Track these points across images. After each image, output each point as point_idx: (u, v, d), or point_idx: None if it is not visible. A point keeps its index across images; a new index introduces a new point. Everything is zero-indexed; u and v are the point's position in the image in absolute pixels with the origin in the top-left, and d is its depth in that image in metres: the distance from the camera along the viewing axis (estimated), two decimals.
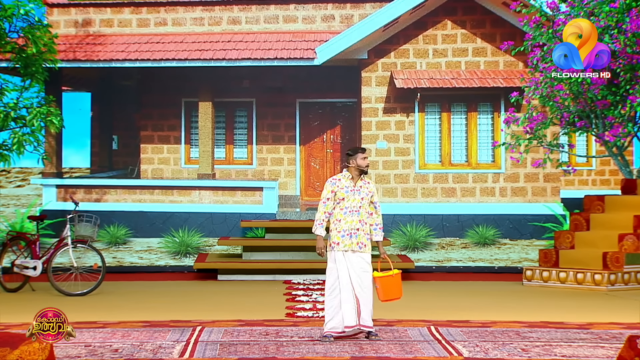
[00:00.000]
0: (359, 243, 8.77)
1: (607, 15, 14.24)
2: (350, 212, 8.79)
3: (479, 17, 17.96)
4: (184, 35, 18.36)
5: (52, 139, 17.87)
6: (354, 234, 8.77)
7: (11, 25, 14.05)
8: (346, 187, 8.85)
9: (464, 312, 10.65)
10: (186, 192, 18.10)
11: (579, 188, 18.46)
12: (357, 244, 8.76)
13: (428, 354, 7.89)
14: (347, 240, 8.76)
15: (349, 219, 8.79)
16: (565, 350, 8.03)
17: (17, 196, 18.60)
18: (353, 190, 8.84)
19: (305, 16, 18.43)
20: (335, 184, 8.89)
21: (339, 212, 8.83)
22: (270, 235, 15.47)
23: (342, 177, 8.89)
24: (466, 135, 18.06)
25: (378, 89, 17.89)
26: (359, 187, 8.86)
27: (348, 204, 8.80)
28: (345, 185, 8.85)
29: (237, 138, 19.11)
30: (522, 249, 17.29)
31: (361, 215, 8.81)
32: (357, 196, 8.83)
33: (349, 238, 8.76)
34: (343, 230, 8.77)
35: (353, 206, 8.81)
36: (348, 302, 8.67)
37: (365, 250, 8.80)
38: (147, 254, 17.20)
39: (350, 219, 8.79)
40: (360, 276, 8.70)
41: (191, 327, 9.26)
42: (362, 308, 8.67)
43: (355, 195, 8.83)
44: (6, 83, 14.40)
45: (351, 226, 8.77)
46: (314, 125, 19.07)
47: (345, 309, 8.67)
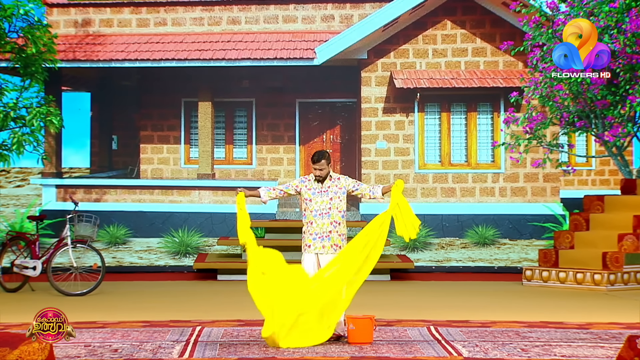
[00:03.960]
0: (333, 245, 8.68)
1: (606, 15, 14.24)
2: (320, 215, 8.69)
3: (479, 17, 17.96)
4: (183, 35, 18.36)
5: (52, 139, 17.87)
6: (326, 236, 8.67)
7: (11, 25, 14.06)
8: (313, 188, 8.75)
9: (464, 312, 10.65)
10: (186, 192, 18.11)
11: (578, 188, 18.46)
12: (331, 246, 8.68)
13: (428, 354, 7.88)
14: (318, 243, 8.69)
15: (320, 222, 8.69)
16: (565, 350, 8.03)
17: (17, 196, 18.60)
18: (321, 191, 8.73)
19: (305, 16, 18.43)
20: (303, 183, 8.81)
21: (309, 214, 8.74)
22: (270, 235, 15.46)
23: (312, 179, 8.79)
24: (466, 135, 18.06)
25: (378, 89, 17.89)
26: (326, 187, 8.73)
27: (317, 206, 8.69)
28: (312, 187, 8.76)
29: (236, 138, 19.11)
30: (521, 249, 17.29)
31: (332, 216, 8.69)
32: (325, 197, 8.70)
33: (320, 241, 8.68)
34: (315, 233, 8.70)
35: (322, 208, 8.69)
36: None
37: (339, 252, 8.65)
38: (146, 254, 17.20)
39: (321, 221, 8.69)
40: None
41: (191, 327, 9.26)
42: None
43: (323, 197, 8.70)
44: (6, 83, 14.40)
45: (322, 229, 8.68)
46: (314, 125, 19.07)
47: None
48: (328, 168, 8.74)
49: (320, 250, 8.69)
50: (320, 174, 8.70)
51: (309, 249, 8.74)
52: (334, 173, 8.86)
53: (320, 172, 8.70)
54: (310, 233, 8.74)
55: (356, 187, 8.77)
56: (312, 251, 8.72)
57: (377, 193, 8.75)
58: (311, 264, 8.74)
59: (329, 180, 8.76)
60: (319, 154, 8.72)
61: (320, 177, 8.72)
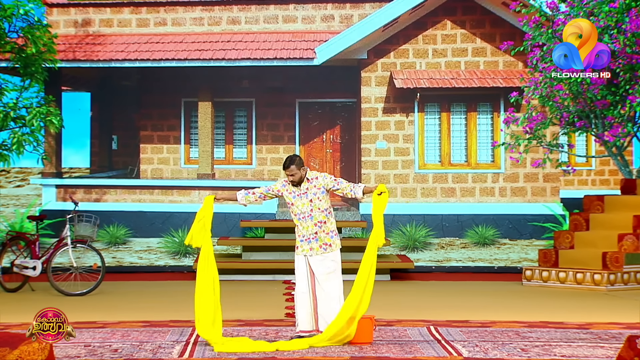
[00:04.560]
0: (323, 245, 8.70)
1: (606, 15, 14.24)
2: (303, 218, 8.71)
3: (479, 17, 17.96)
4: (183, 35, 18.36)
5: (52, 139, 17.87)
6: (313, 238, 8.69)
7: (11, 25, 14.05)
8: (293, 191, 8.76)
9: (464, 312, 10.65)
10: (186, 192, 18.11)
11: (578, 188, 18.45)
12: (320, 246, 8.70)
13: (427, 354, 7.88)
14: (306, 246, 8.72)
15: (304, 225, 8.71)
16: (565, 350, 8.03)
17: (17, 196, 18.60)
18: (300, 194, 8.73)
19: (305, 16, 18.43)
20: (285, 186, 8.80)
21: (294, 217, 8.79)
22: (270, 235, 15.47)
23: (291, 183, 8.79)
24: (466, 135, 18.06)
25: (378, 89, 17.89)
26: (305, 189, 8.73)
27: (298, 210, 8.71)
28: (292, 190, 8.77)
29: (236, 138, 19.11)
30: (521, 249, 17.29)
31: (315, 217, 8.69)
32: (304, 200, 8.70)
33: (307, 243, 8.71)
34: (302, 236, 8.74)
35: (304, 212, 8.70)
36: (303, 307, 8.68)
37: (330, 249, 8.72)
38: (146, 254, 17.20)
39: (305, 224, 8.71)
40: (323, 279, 8.67)
41: (191, 327, 9.26)
42: (320, 312, 8.65)
43: (302, 200, 8.70)
44: (6, 83, 14.40)
45: (308, 232, 8.70)
46: (314, 125, 19.07)
47: (300, 314, 8.69)
48: (300, 172, 8.69)
49: (309, 252, 8.72)
50: (292, 179, 8.70)
51: (298, 251, 8.80)
52: (311, 172, 8.81)
53: (293, 177, 8.69)
54: (298, 235, 8.80)
55: (336, 186, 8.73)
56: (301, 253, 8.76)
57: (358, 193, 8.72)
58: (303, 265, 8.78)
59: (307, 182, 8.73)
60: (288, 159, 8.71)
61: (294, 182, 8.72)
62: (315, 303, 8.68)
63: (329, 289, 8.66)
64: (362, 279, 8.42)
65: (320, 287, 8.66)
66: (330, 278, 8.69)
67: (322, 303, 8.65)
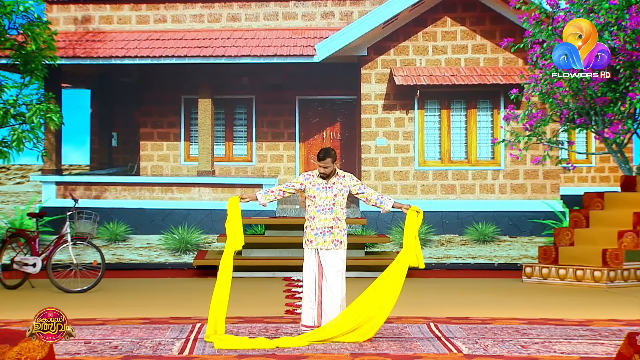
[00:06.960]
0: (334, 241, 8.76)
1: (606, 12, 14.23)
2: (323, 210, 8.76)
3: (479, 14, 17.95)
4: (183, 32, 18.36)
5: (52, 135, 17.87)
6: (327, 232, 8.74)
7: (10, 22, 14.04)
8: (318, 184, 8.81)
9: (464, 309, 10.65)
10: (186, 189, 18.11)
11: (578, 185, 18.46)
12: (332, 241, 8.75)
13: (427, 351, 7.89)
14: (320, 239, 8.75)
15: (322, 217, 8.75)
16: (565, 347, 8.03)
17: (17, 193, 18.60)
18: (325, 187, 8.78)
19: (305, 13, 18.42)
20: (307, 179, 8.85)
21: (313, 209, 8.80)
22: (270, 232, 15.47)
23: (315, 175, 8.85)
24: (466, 132, 18.06)
25: (378, 86, 17.89)
26: (331, 184, 8.80)
27: (320, 201, 8.76)
28: (317, 183, 8.82)
29: (236, 135, 19.11)
30: (521, 246, 17.29)
31: (335, 212, 8.76)
32: (329, 193, 8.77)
33: (322, 236, 8.75)
34: (316, 229, 8.76)
35: (325, 204, 8.76)
36: (309, 301, 8.75)
37: (340, 247, 8.78)
38: (146, 251, 17.21)
39: (324, 216, 8.75)
40: (331, 276, 8.71)
41: (191, 324, 9.27)
42: (324, 308, 8.69)
43: (327, 193, 8.76)
44: (6, 80, 14.38)
45: (324, 224, 8.74)
46: (314, 122, 19.07)
47: (305, 308, 8.77)
48: (333, 166, 8.79)
49: (322, 245, 8.75)
50: (324, 171, 8.76)
51: (311, 245, 8.80)
52: (340, 170, 8.93)
53: (325, 170, 8.75)
54: (312, 228, 8.79)
55: (363, 191, 8.83)
56: (314, 247, 8.78)
57: (387, 205, 8.78)
58: (312, 260, 8.79)
59: (335, 177, 8.83)
60: (324, 151, 8.76)
61: (324, 175, 8.76)
62: (320, 299, 8.72)
63: (335, 287, 8.71)
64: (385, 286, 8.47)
65: (327, 285, 8.71)
66: (337, 277, 8.75)
67: (326, 300, 8.70)
